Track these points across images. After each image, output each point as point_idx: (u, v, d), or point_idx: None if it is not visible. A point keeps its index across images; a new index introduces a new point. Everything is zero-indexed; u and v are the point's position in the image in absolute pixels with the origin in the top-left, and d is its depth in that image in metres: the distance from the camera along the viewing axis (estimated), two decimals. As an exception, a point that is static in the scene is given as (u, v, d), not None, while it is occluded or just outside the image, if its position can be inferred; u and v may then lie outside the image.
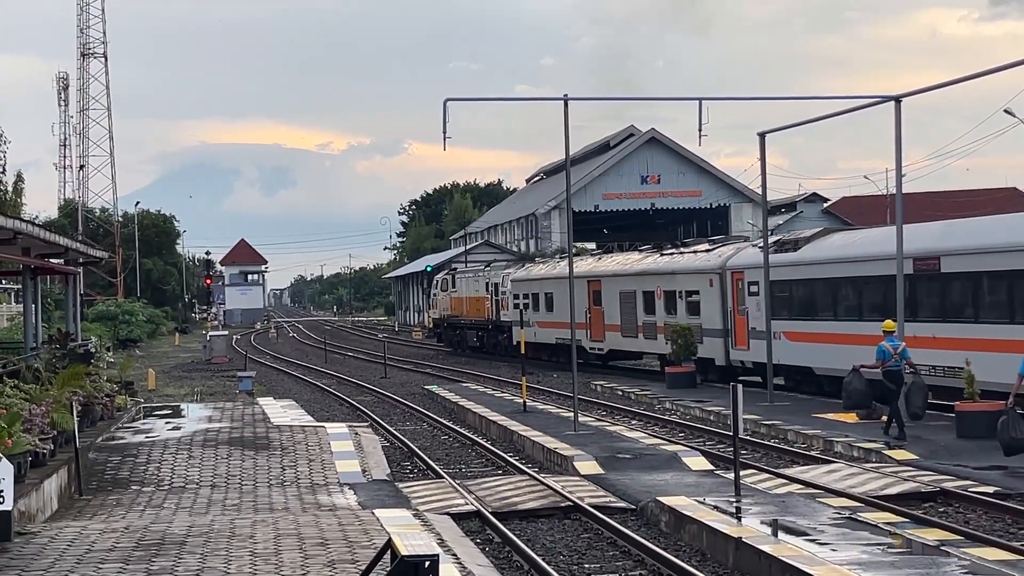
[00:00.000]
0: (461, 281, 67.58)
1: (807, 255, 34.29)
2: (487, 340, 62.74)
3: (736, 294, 37.35)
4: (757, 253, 35.66)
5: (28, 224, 24.00)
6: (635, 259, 46.70)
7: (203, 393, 42.76)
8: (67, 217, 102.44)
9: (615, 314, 45.27)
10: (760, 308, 34.61)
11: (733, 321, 37.45)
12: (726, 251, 39.44)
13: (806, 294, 33.99)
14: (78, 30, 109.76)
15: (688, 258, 41.50)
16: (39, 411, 19.55)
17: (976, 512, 18.16)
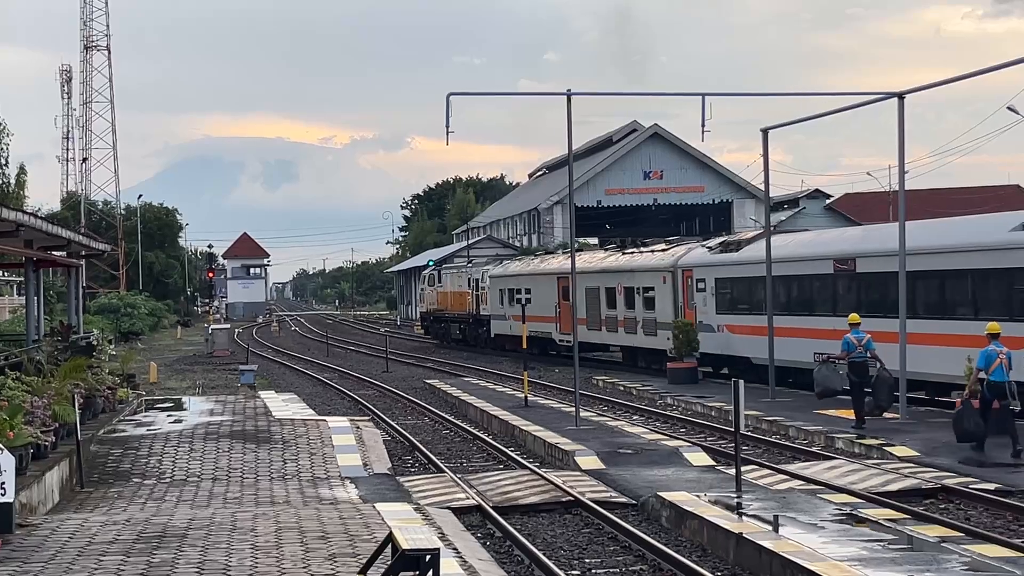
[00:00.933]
0: (446, 277, 70.82)
1: (746, 255, 36.90)
2: (468, 332, 65.54)
3: (686, 290, 40.32)
4: (706, 253, 39.63)
5: (31, 217, 24.00)
6: (600, 257, 50.27)
7: (205, 386, 42.77)
8: (70, 210, 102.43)
9: (582, 309, 46.87)
10: (707, 303, 38.33)
11: (683, 315, 40.25)
12: (679, 251, 42.43)
13: (744, 291, 36.68)
14: (81, 23, 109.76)
15: (645, 257, 44.60)
16: (41, 403, 19.55)
17: (977, 509, 18.16)
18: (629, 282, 44.69)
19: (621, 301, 45.17)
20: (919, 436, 24.21)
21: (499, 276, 59.99)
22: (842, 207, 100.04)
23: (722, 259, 38.22)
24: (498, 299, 59.50)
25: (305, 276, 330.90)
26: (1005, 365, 22.23)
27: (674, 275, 41.30)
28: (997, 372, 22.18)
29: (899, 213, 27.95)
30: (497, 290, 59.57)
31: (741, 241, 38.89)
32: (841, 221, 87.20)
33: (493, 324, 60.27)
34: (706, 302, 38.50)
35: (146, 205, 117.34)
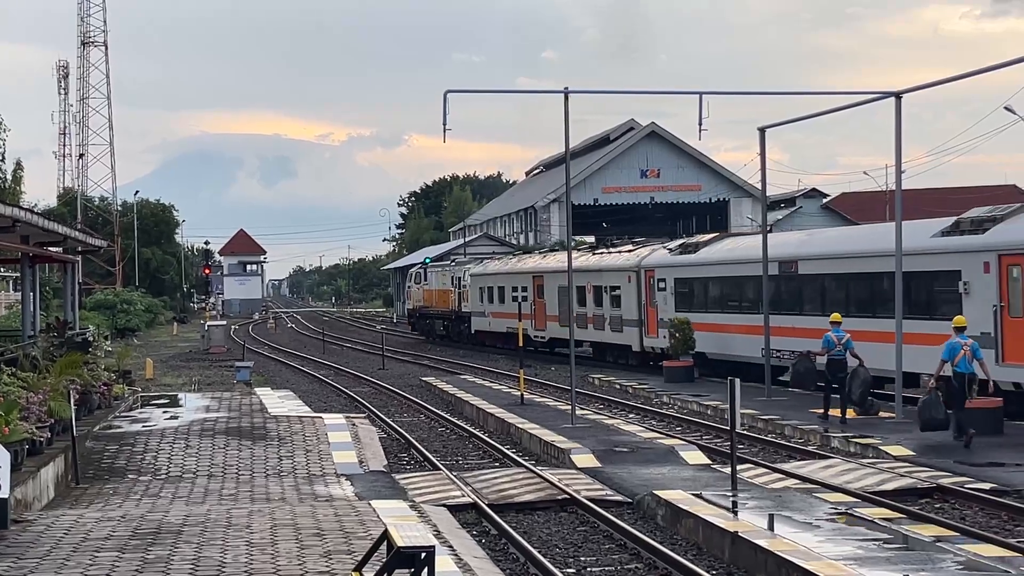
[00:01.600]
0: (432, 275, 73.97)
1: (702, 257, 39.85)
2: (451, 328, 68.78)
3: (648, 289, 42.92)
4: (666, 254, 42.69)
5: (27, 212, 23.99)
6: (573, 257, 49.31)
7: (201, 383, 42.75)
8: (66, 206, 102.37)
9: (555, 306, 50.69)
10: (667, 302, 41.12)
11: (646, 313, 42.84)
12: (643, 252, 45.02)
13: (700, 290, 39.52)
14: (79, 19, 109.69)
15: (613, 257, 47.23)
16: (36, 399, 19.55)
17: (972, 508, 18.17)
18: (597, 281, 46.94)
19: (591, 299, 47.64)
20: (914, 436, 24.21)
21: (479, 275, 62.56)
22: (839, 206, 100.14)
23: (681, 260, 41.18)
24: (478, 297, 62.13)
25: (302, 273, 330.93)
26: (968, 357, 23.38)
27: (638, 275, 43.77)
28: (961, 363, 23.33)
29: (895, 212, 27.96)
30: (477, 288, 62.24)
31: (699, 243, 41.52)
32: (838, 220, 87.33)
33: (473, 321, 63.03)
34: (666, 300, 41.32)
35: (143, 201, 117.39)
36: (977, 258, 27.42)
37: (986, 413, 24.43)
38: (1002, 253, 26.77)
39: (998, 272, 26.75)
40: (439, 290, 71.61)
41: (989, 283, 27.01)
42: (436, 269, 74.77)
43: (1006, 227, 27.15)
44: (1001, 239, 27.00)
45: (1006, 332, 26.52)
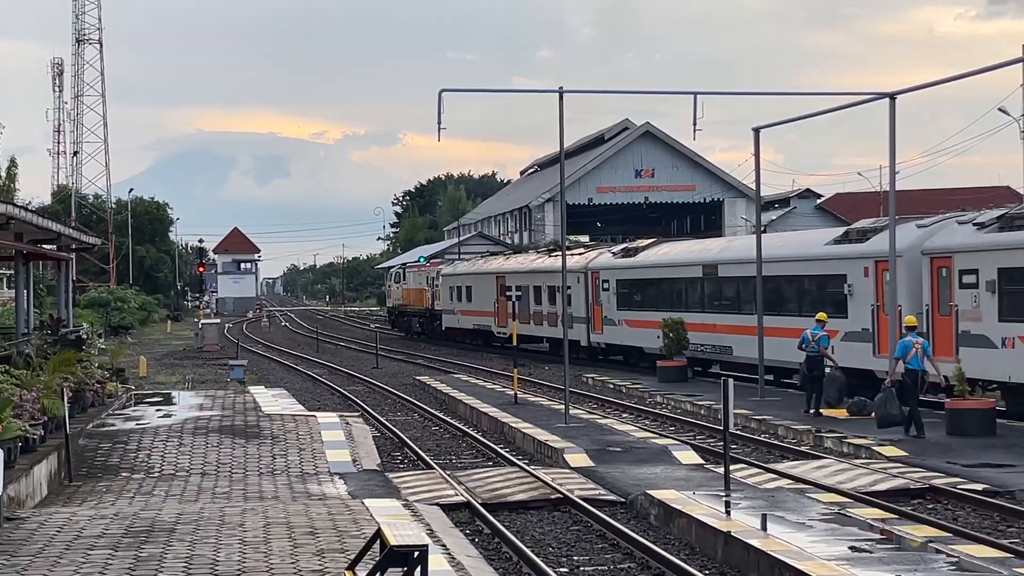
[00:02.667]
0: (409, 275, 78.26)
1: (640, 260, 44.22)
2: (426, 326, 73.01)
3: (595, 289, 46.93)
4: (611, 257, 47.03)
5: (21, 210, 23.96)
6: (531, 259, 57.75)
7: (194, 381, 42.73)
8: (60, 203, 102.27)
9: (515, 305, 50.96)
10: (610, 301, 45.29)
11: (593, 311, 46.81)
12: (591, 255, 49.40)
13: (639, 291, 43.42)
14: (73, 16, 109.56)
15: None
16: (30, 397, 19.53)
17: (965, 509, 18.20)
18: (551, 282, 50.37)
19: (546, 298, 52.07)
20: (908, 436, 24.24)
21: (449, 275, 66.69)
22: (833, 207, 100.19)
23: (622, 263, 45.41)
24: (448, 296, 66.12)
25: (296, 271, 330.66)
26: (920, 355, 24.62)
27: (586, 276, 47.72)
28: (913, 361, 24.56)
29: (889, 213, 28.00)
30: (447, 287, 66.26)
31: (639, 248, 45.88)
32: (832, 221, 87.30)
33: (444, 318, 67.22)
34: (609, 300, 45.62)
35: (137, 199, 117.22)
36: (859, 264, 31.13)
37: (979, 414, 24.53)
38: (878, 260, 29.96)
39: (875, 276, 30.35)
40: (415, 289, 75.41)
41: (868, 285, 30.75)
42: (413, 269, 78.67)
43: (883, 237, 29.62)
44: (878, 248, 30.00)
45: (881, 328, 29.99)
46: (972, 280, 27.55)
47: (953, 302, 27.92)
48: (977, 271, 27.43)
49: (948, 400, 25.08)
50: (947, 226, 29.51)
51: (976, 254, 27.52)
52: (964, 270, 27.84)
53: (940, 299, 28.44)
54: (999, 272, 26.78)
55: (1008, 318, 26.40)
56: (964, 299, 27.65)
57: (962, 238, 28.44)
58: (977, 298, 27.35)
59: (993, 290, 26.92)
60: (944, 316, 28.23)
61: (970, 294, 27.52)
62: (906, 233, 29.46)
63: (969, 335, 27.34)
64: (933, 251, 28.70)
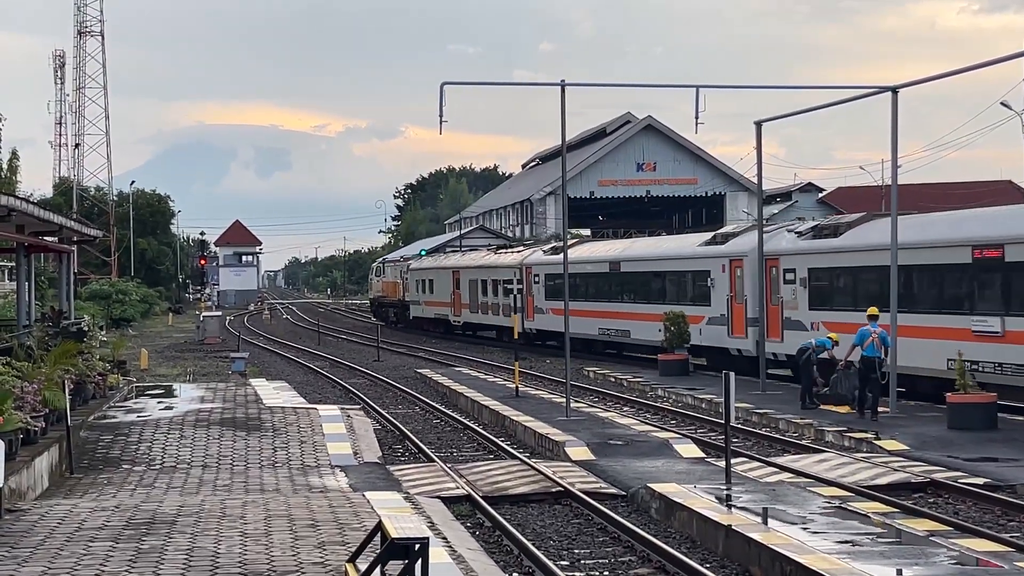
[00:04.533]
0: (387, 269, 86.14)
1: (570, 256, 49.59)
2: (399, 315, 79.60)
3: (528, 283, 53.32)
4: (541, 254, 53.90)
5: (22, 202, 23.95)
6: (480, 255, 64.95)
7: (196, 373, 42.74)
8: (62, 195, 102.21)
9: (466, 296, 62.74)
10: (539, 293, 52.03)
11: (526, 301, 52.53)
12: (526, 252, 56.82)
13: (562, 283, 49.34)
14: (75, 8, 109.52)
15: (506, 257, 58.96)
16: (31, 389, 19.53)
17: (966, 503, 18.21)
18: (495, 276, 58.18)
19: (491, 291, 58.86)
20: (909, 430, 24.27)
21: (416, 269, 74.19)
22: (835, 200, 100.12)
23: (549, 259, 51.35)
24: (415, 288, 73.44)
25: (297, 264, 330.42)
26: (876, 343, 26.22)
27: (521, 271, 54.51)
28: (869, 348, 26.22)
29: (891, 207, 27.98)
30: (415, 281, 73.58)
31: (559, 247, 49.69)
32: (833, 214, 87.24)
33: (412, 308, 74.72)
34: (539, 292, 52.31)
35: (138, 192, 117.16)
36: (719, 262, 38.11)
37: (980, 408, 24.54)
38: (732, 259, 37.33)
39: (730, 272, 37.08)
40: (391, 282, 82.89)
41: (725, 280, 37.73)
42: (391, 264, 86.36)
43: (736, 240, 38.06)
44: (733, 249, 37.62)
45: (734, 314, 37.03)
46: (792, 277, 34.31)
47: (780, 294, 34.61)
48: (795, 270, 34.18)
49: (950, 394, 25.09)
50: (779, 233, 36.07)
51: (794, 256, 34.32)
52: (787, 269, 34.51)
53: (771, 292, 34.82)
54: (809, 271, 33.62)
55: (815, 307, 33.23)
56: (787, 292, 34.41)
57: (786, 244, 35.09)
58: (795, 291, 34.08)
59: (805, 285, 33.70)
60: (774, 305, 34.72)
61: (791, 288, 34.27)
62: (750, 238, 35.90)
63: (790, 320, 34.18)
64: (767, 253, 34.13)
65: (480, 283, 60.41)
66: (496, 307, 58.19)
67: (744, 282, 36.06)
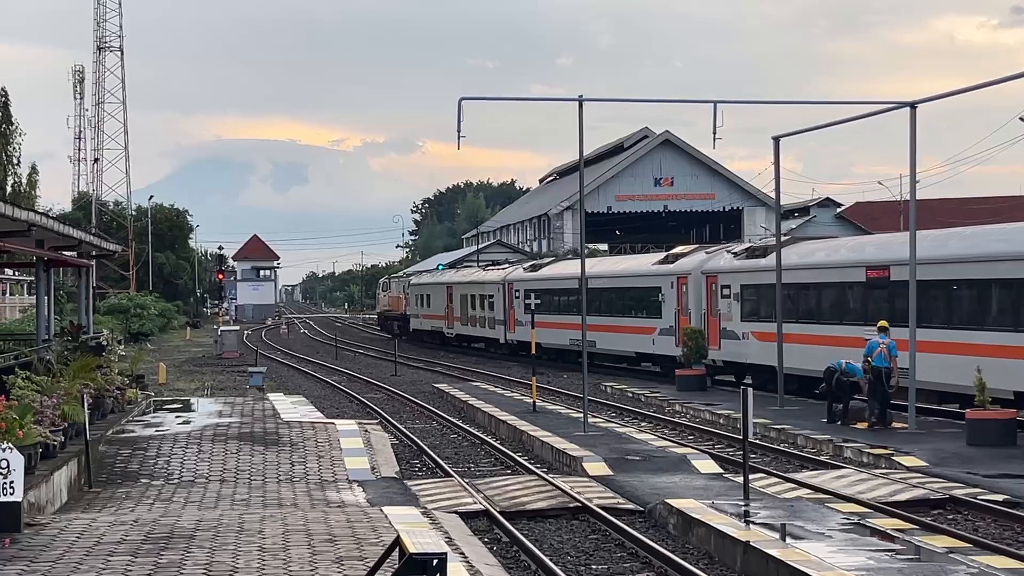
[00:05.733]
0: (393, 284, 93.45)
1: (541, 274, 55.94)
2: (401, 328, 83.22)
3: (510, 298, 58.06)
4: (522, 271, 58.93)
5: (42, 216, 24.06)
6: (469, 272, 70.77)
7: (213, 388, 42.84)
8: (81, 210, 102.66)
9: (458, 309, 68.24)
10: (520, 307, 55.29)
11: (509, 315, 58.29)
12: (509, 269, 62.41)
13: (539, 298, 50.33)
14: (95, 23, 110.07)
15: (491, 274, 64.19)
16: (50, 403, 19.60)
17: (985, 520, 18.13)
18: (482, 291, 63.44)
19: (479, 305, 63.99)
20: (928, 446, 24.18)
21: (415, 284, 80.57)
22: (853, 216, 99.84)
23: (528, 276, 56.72)
24: (415, 302, 79.13)
25: (315, 279, 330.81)
26: (885, 354, 27.13)
27: (503, 287, 59.24)
28: (878, 359, 27.08)
29: (910, 222, 27.92)
30: (414, 295, 79.47)
31: (542, 264, 59.31)
32: (852, 230, 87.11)
33: (412, 321, 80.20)
34: (519, 306, 55.77)
35: (157, 206, 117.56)
36: (668, 279, 42.59)
37: (999, 424, 24.46)
38: (679, 276, 41.76)
39: (677, 288, 41.22)
40: (395, 296, 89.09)
41: (674, 295, 42.00)
42: (396, 279, 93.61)
43: (683, 260, 42.73)
44: (681, 268, 42.09)
45: (680, 326, 40.79)
46: (728, 292, 38.30)
47: (718, 308, 38.69)
48: (730, 286, 38.20)
49: (969, 410, 25.02)
50: (720, 253, 40.70)
51: (730, 274, 38.39)
52: (723, 285, 38.69)
53: (711, 305, 39.16)
54: (741, 287, 37.71)
55: (746, 319, 37.17)
56: (724, 306, 38.36)
57: (724, 263, 39.33)
58: (730, 305, 37.94)
59: (738, 300, 37.61)
60: (714, 317, 38.91)
61: (727, 302, 38.19)
62: (695, 257, 41.75)
63: (727, 331, 38.05)
64: (707, 271, 39.69)
65: (470, 298, 65.56)
66: (483, 320, 63.30)
67: (689, 297, 40.74)
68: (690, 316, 40.19)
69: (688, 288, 40.66)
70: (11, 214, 20.44)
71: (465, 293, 66.53)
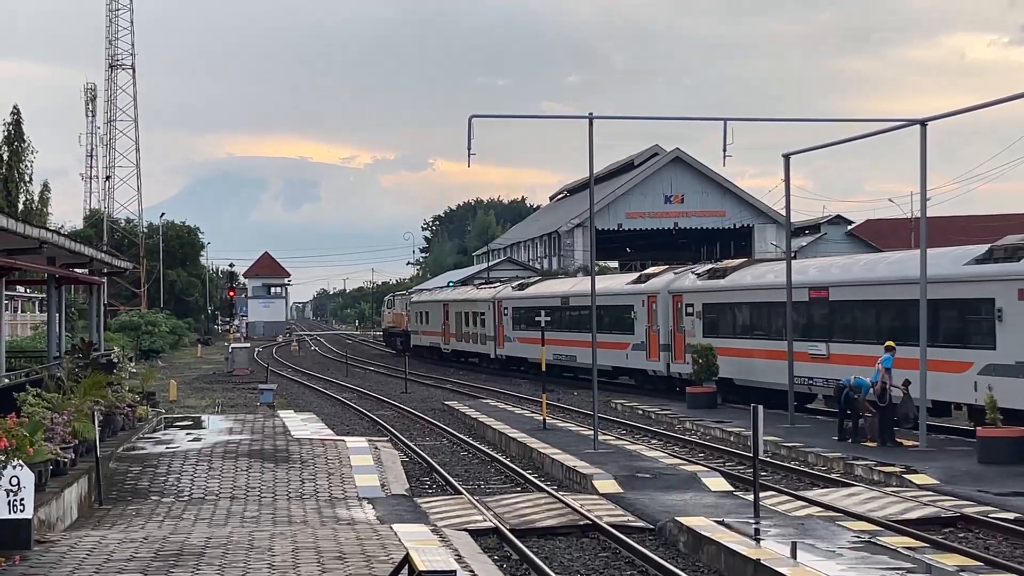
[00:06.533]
0: (396, 301, 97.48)
1: (527, 292, 59.82)
2: (403, 344, 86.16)
3: (500, 315, 61.83)
4: (509, 290, 62.65)
5: (54, 234, 24.14)
6: (464, 291, 74.37)
7: (224, 405, 42.85)
8: (92, 227, 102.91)
9: (454, 326, 71.88)
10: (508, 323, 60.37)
11: (498, 331, 61.94)
12: (499, 287, 66.15)
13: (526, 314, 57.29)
14: (107, 42, 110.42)
15: (483, 292, 68.23)
16: (61, 420, 19.63)
17: (997, 538, 18.06)
18: (474, 309, 67.15)
19: (471, 321, 67.66)
20: (939, 464, 24.12)
21: (415, 302, 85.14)
22: (863, 233, 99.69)
23: (515, 294, 60.56)
24: (415, 319, 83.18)
25: (326, 296, 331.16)
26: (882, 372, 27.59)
27: (493, 305, 62.91)
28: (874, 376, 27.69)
29: (920, 240, 27.88)
30: (414, 313, 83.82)
31: (528, 283, 63.36)
32: (863, 247, 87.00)
33: (412, 337, 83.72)
34: (508, 323, 60.41)
35: (168, 223, 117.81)
36: (640, 298, 45.04)
37: (1010, 442, 24.38)
38: (649, 295, 44.25)
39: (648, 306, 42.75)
40: (399, 314, 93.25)
41: (645, 312, 44.48)
42: (399, 297, 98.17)
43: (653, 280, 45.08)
44: (649, 287, 44.63)
45: (651, 341, 43.59)
46: (691, 310, 41.16)
47: (683, 325, 41.58)
48: (693, 304, 41.08)
49: (980, 428, 24.95)
50: (686, 275, 43.33)
51: (693, 293, 41.42)
52: (688, 304, 41.57)
53: (677, 322, 42.02)
54: (703, 305, 40.68)
55: (707, 335, 39.82)
56: (688, 323, 41.30)
57: (688, 283, 42.30)
58: (694, 322, 40.82)
59: (700, 317, 40.55)
60: (680, 333, 41.82)
61: (691, 319, 41.08)
62: (664, 278, 44.49)
63: (690, 345, 40.25)
64: (673, 291, 42.71)
65: (464, 315, 69.28)
66: (476, 336, 66.98)
67: (658, 315, 43.31)
68: (659, 332, 43.08)
69: (657, 306, 43.35)
70: (23, 231, 20.51)
71: (460, 311, 70.06)
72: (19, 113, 77.47)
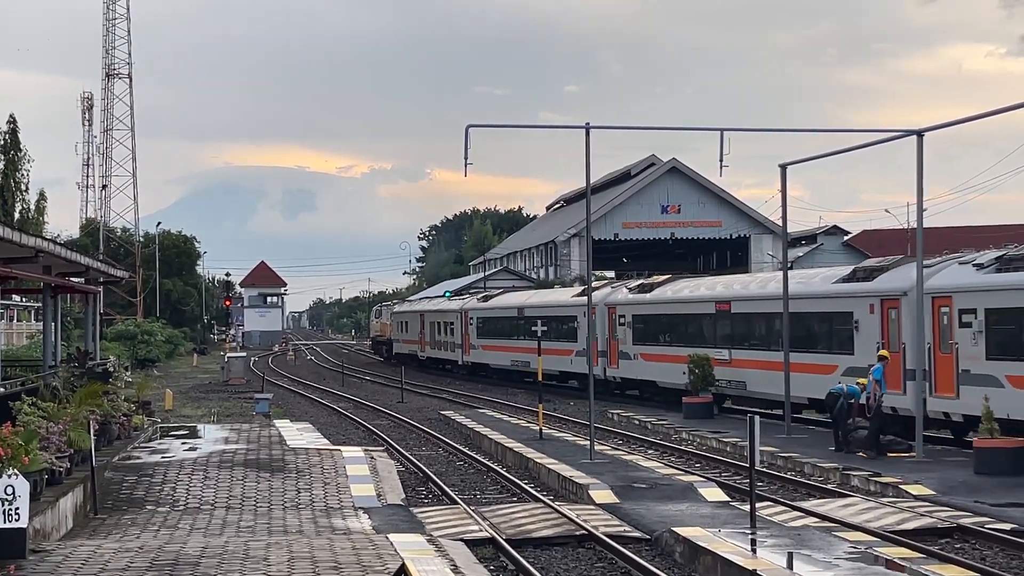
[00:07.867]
0: (383, 312, 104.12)
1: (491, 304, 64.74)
2: (388, 352, 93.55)
3: (466, 324, 66.58)
4: (475, 301, 67.92)
5: (50, 243, 24.11)
6: (438, 302, 79.37)
7: (220, 414, 42.80)
8: (88, 236, 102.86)
9: (428, 335, 76.99)
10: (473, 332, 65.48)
11: (464, 339, 66.88)
12: (467, 298, 71.90)
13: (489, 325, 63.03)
14: (103, 51, 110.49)
15: (453, 303, 73.09)
16: (56, 429, 19.58)
17: (993, 549, 18.05)
18: (444, 319, 72.53)
19: (442, 331, 72.80)
20: (935, 475, 24.11)
21: (397, 312, 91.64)
22: (860, 243, 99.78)
23: (482, 306, 65.67)
24: (397, 328, 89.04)
25: (322, 305, 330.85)
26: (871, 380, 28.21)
27: (461, 315, 67.81)
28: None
29: (917, 251, 27.90)
30: (396, 322, 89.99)
31: (491, 295, 68.13)
32: (858, 257, 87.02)
33: (394, 346, 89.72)
34: (473, 331, 65.37)
35: (165, 232, 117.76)
36: (581, 309, 47.54)
37: (1007, 453, 24.37)
38: (608, 304, 47.16)
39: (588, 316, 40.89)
40: (385, 323, 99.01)
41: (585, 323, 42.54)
42: (385, 307, 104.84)
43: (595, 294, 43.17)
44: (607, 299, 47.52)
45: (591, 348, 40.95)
46: (623, 321, 45.61)
47: (616, 334, 46.12)
48: (625, 315, 45.63)
49: (976, 439, 24.95)
50: (620, 288, 48.07)
51: (624, 305, 46.09)
52: (620, 315, 46.20)
53: (612, 331, 46.48)
54: (632, 316, 45.12)
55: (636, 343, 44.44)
56: (621, 332, 45.79)
57: (620, 296, 46.95)
58: (626, 332, 45.35)
59: (631, 327, 44.91)
60: (615, 341, 46.21)
61: (623, 329, 45.64)
62: (603, 291, 48.14)
63: (623, 352, 45.14)
64: (609, 303, 47.00)
65: (437, 325, 74.38)
66: (446, 344, 72.00)
67: (596, 324, 45.82)
68: (598, 341, 46.06)
69: (596, 317, 45.67)
70: (19, 240, 20.49)
71: (434, 320, 75.60)
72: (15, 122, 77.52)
